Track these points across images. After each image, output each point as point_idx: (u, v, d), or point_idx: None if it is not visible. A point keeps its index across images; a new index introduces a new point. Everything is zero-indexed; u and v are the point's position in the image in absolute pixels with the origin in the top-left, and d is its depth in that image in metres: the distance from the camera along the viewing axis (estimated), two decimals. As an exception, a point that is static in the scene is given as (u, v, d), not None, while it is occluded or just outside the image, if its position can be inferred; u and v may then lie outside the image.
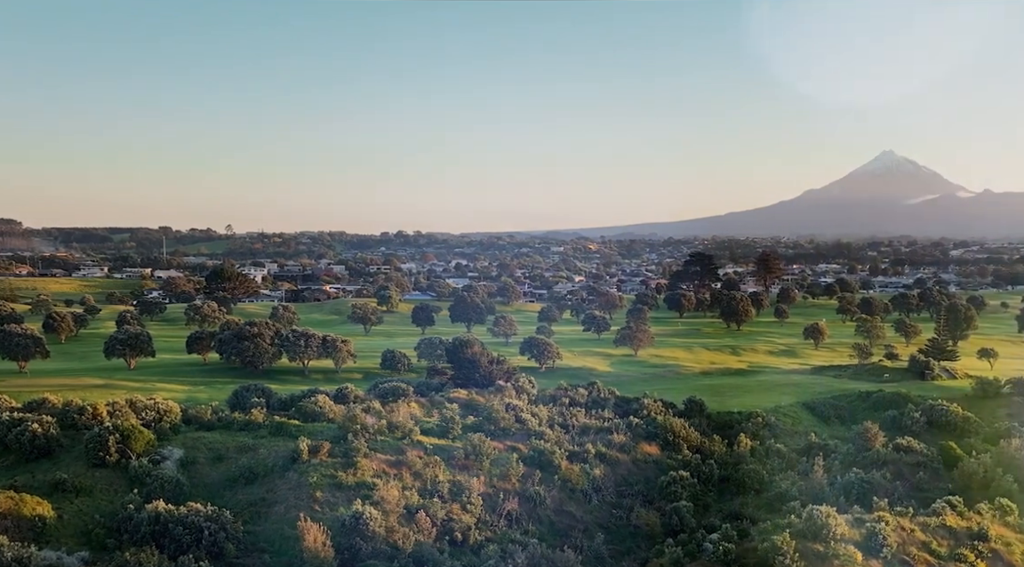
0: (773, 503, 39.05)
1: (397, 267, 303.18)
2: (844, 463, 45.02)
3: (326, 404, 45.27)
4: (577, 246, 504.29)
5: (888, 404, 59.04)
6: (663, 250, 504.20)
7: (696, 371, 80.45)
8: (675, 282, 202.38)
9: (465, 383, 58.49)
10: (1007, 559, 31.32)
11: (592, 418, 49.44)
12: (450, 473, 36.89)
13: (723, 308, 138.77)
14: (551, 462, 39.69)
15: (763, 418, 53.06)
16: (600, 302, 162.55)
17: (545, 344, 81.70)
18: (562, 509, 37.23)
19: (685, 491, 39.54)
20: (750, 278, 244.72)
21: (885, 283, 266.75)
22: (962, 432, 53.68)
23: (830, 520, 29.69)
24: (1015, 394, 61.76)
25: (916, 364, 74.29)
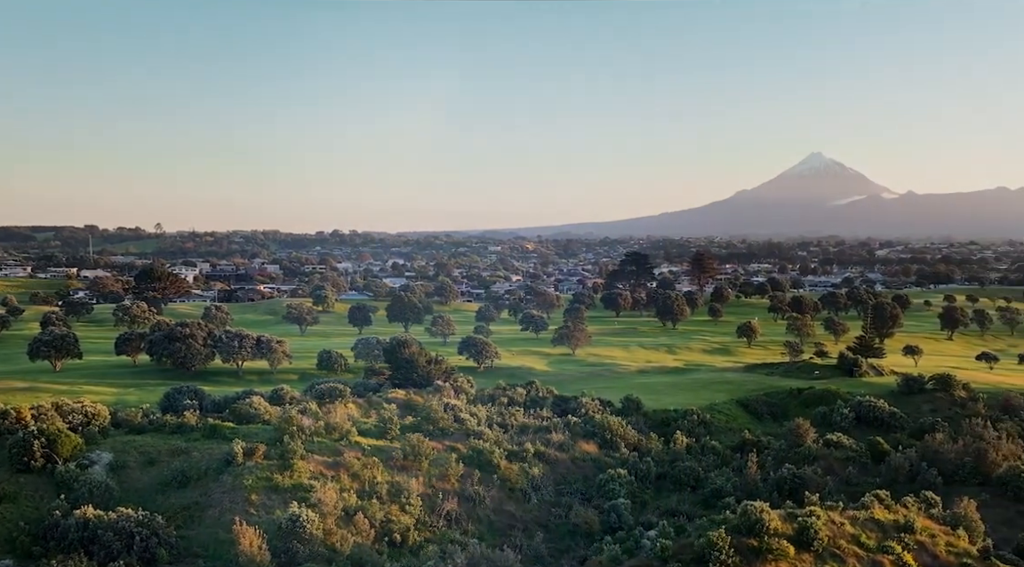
0: (709, 499, 39.67)
1: (333, 267, 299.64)
2: (777, 459, 45.96)
3: (261, 405, 44.56)
4: (514, 246, 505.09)
5: (818, 401, 60.38)
6: (599, 249, 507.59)
7: (633, 370, 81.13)
8: (612, 281, 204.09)
9: (403, 383, 58.12)
10: (932, 550, 32.23)
11: (531, 417, 49.60)
12: (389, 474, 36.64)
13: (659, 307, 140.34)
14: (490, 462, 39.71)
15: (699, 416, 53.80)
16: (538, 301, 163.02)
17: (483, 344, 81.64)
18: (501, 508, 37.26)
19: (623, 489, 39.90)
20: (685, 277, 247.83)
21: (815, 282, 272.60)
22: (889, 427, 55.27)
23: (764, 515, 30.17)
24: (938, 390, 63.63)
25: (845, 361, 76.10)
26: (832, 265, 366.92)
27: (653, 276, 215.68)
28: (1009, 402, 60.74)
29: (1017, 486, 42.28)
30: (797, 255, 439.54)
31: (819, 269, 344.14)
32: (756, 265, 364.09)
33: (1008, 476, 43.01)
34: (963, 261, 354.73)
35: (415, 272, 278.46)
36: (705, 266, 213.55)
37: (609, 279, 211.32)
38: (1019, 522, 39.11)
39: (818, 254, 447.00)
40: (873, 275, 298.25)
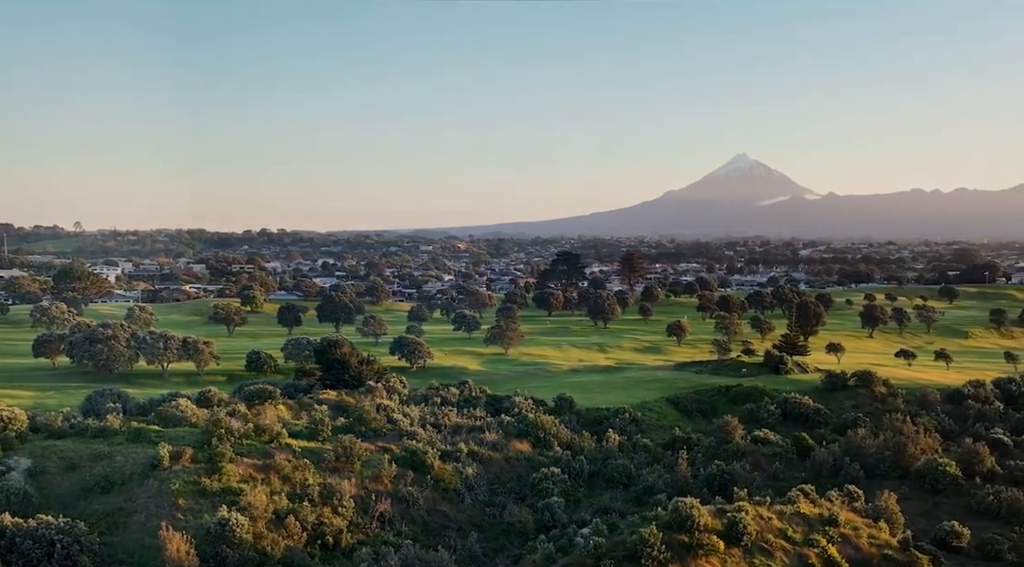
0: (641, 496, 40.12)
1: (261, 266, 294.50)
2: (707, 456, 46.75)
3: (188, 408, 43.53)
4: (446, 245, 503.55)
5: (746, 398, 61.56)
6: (531, 249, 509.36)
7: (565, 369, 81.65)
8: (543, 281, 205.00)
9: (335, 384, 57.49)
10: (855, 542, 33.15)
11: (464, 417, 49.55)
12: (320, 476, 36.19)
13: (590, 306, 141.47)
14: (424, 462, 39.52)
15: (630, 414, 54.40)
16: (470, 301, 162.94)
17: (416, 344, 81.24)
18: (435, 509, 37.12)
19: (556, 487, 40.10)
20: (615, 277, 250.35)
21: (741, 281, 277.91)
22: (813, 423, 56.67)
23: (694, 511, 30.64)
24: (860, 386, 65.44)
25: (771, 359, 77.72)
26: (758, 265, 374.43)
27: (584, 276, 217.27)
28: (926, 398, 62.78)
29: (934, 479, 43.79)
30: (724, 255, 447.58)
31: (746, 269, 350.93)
32: (685, 265, 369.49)
33: (926, 469, 44.51)
34: (882, 261, 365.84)
35: (346, 272, 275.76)
36: (635, 266, 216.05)
37: (541, 278, 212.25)
38: (936, 514, 40.47)
39: (744, 254, 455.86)
40: (797, 274, 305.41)
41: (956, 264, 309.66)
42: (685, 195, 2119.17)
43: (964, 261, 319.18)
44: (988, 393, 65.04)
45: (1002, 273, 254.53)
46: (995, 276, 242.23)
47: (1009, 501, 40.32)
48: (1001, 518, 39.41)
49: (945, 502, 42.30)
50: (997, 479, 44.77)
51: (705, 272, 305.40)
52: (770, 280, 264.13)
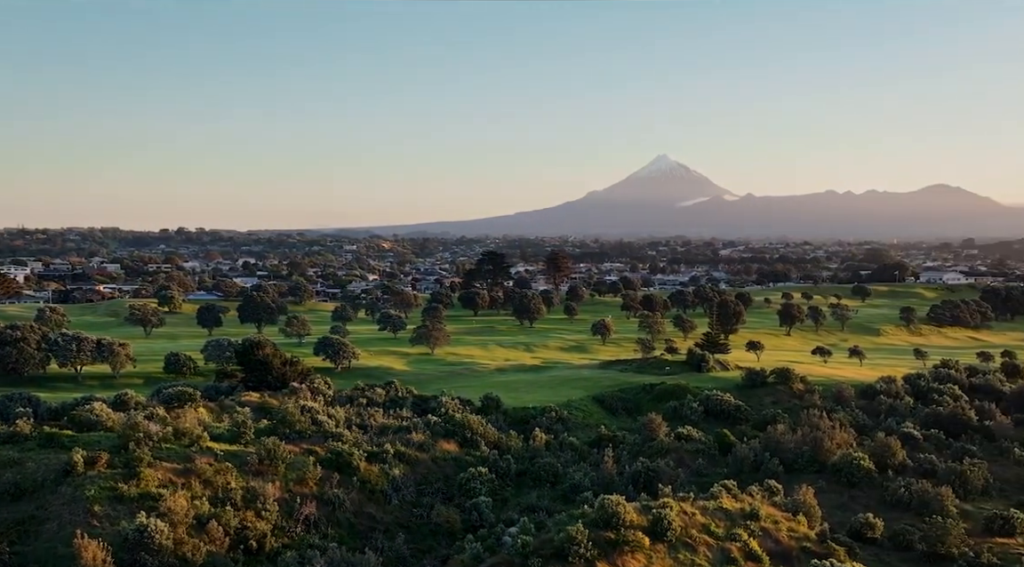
0: (568, 494, 40.38)
1: (179, 266, 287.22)
2: (632, 453, 47.32)
3: (103, 412, 42.14)
4: (370, 244, 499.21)
5: (670, 396, 62.47)
6: (456, 249, 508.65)
7: (492, 368, 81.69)
8: (469, 280, 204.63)
9: (257, 386, 56.42)
10: (775, 536, 34.00)
11: (390, 418, 49.17)
12: (243, 479, 35.44)
13: (516, 306, 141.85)
14: (350, 464, 39.05)
15: (557, 413, 54.71)
16: (395, 301, 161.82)
17: (340, 344, 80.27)
18: (362, 511, 36.73)
19: (484, 487, 40.07)
20: (541, 276, 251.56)
21: (664, 281, 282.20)
22: (735, 420, 57.87)
23: (620, 509, 31.00)
24: (779, 383, 67.08)
25: (693, 357, 79.05)
26: (680, 264, 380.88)
27: (510, 275, 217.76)
28: (842, 393, 64.70)
29: (850, 472, 45.15)
30: (647, 254, 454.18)
31: (668, 268, 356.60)
32: (609, 264, 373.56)
33: (842, 463, 45.87)
34: (798, 260, 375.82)
35: (267, 271, 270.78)
36: (560, 265, 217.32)
37: (466, 278, 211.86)
38: (852, 506, 41.76)
39: (667, 254, 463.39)
40: (718, 274, 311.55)
41: (868, 264, 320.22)
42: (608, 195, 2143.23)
43: (875, 261, 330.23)
44: (899, 389, 67.37)
45: (911, 272, 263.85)
46: (905, 275, 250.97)
47: (919, 493, 41.81)
48: (912, 509, 40.84)
49: (860, 495, 43.67)
50: (908, 472, 46.44)
51: (629, 272, 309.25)
52: (692, 279, 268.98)
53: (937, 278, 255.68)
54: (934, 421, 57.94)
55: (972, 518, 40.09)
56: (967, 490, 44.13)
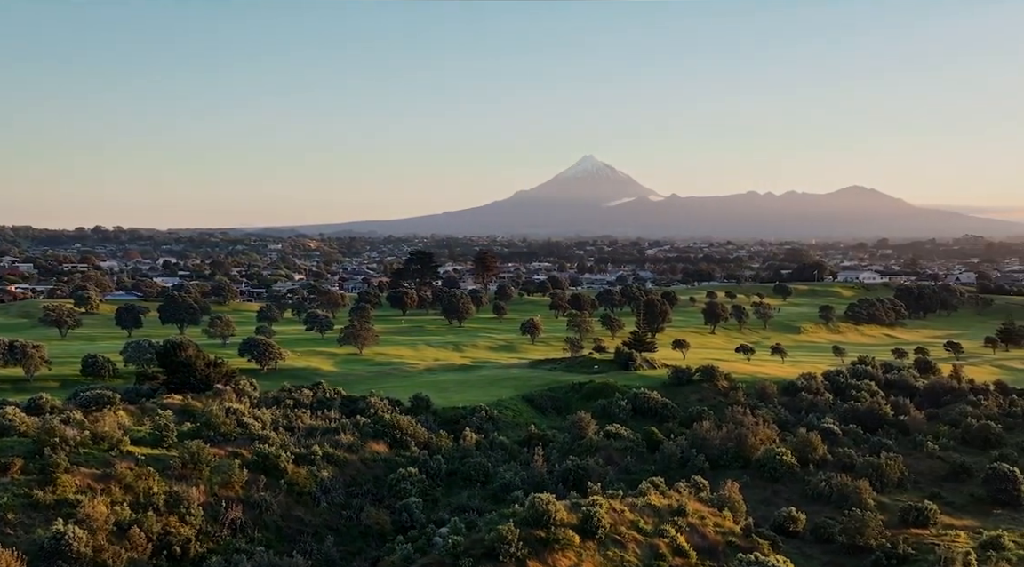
0: (499, 494, 40.44)
1: (96, 265, 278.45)
2: (562, 452, 47.62)
3: (16, 416, 40.54)
4: (296, 244, 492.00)
5: (598, 394, 63.04)
6: (384, 248, 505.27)
7: (421, 368, 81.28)
8: (397, 280, 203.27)
9: (180, 388, 55.01)
10: (702, 531, 34.58)
11: (318, 419, 48.55)
12: (166, 484, 34.61)
13: (445, 305, 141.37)
14: (277, 466, 38.48)
15: (487, 412, 54.73)
16: (322, 300, 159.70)
17: (266, 345, 78.84)
18: (290, 514, 36.19)
19: (414, 487, 39.89)
20: (469, 276, 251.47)
21: (592, 280, 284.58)
22: (662, 417, 58.69)
23: (551, 507, 31.14)
24: (704, 381, 68.29)
25: (621, 356, 79.86)
26: (607, 264, 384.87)
27: (438, 275, 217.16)
28: (765, 390, 66.20)
29: (773, 468, 46.21)
30: (575, 254, 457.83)
31: (595, 267, 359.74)
32: (537, 264, 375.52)
33: (765, 459, 46.93)
34: (722, 260, 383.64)
35: (189, 271, 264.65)
36: (488, 265, 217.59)
37: (394, 278, 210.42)
38: (775, 500, 42.75)
39: (594, 253, 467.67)
40: (644, 273, 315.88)
41: (789, 263, 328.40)
42: (535, 195, 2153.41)
43: (796, 260, 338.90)
44: (819, 385, 69.30)
45: (829, 272, 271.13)
46: (823, 275, 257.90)
47: (839, 486, 43.04)
48: (832, 503, 42.01)
49: (783, 489, 44.76)
50: (828, 466, 47.76)
51: (557, 271, 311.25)
52: (619, 279, 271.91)
53: (854, 277, 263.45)
54: (852, 416, 59.78)
55: (889, 510, 41.42)
56: (884, 483, 45.55)
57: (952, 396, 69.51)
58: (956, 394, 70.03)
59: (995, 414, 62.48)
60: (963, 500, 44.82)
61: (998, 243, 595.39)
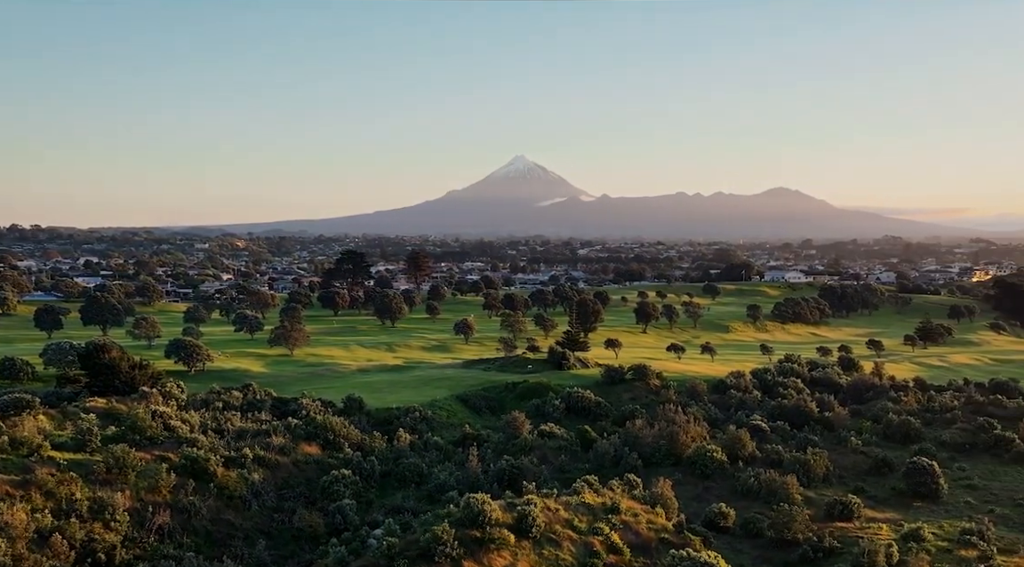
0: (433, 494, 40.28)
1: (13, 265, 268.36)
2: (496, 451, 47.61)
3: (-71, 422, 39.03)
4: (223, 243, 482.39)
5: (532, 394, 63.23)
6: (314, 248, 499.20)
7: (354, 369, 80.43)
8: (328, 280, 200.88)
9: (104, 391, 53.42)
10: (635, 528, 34.94)
11: (249, 421, 47.72)
12: (90, 489, 33.59)
13: (377, 306, 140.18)
14: (206, 470, 37.67)
15: (421, 412, 54.45)
16: (251, 301, 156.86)
17: (193, 346, 77.06)
18: (220, 518, 35.46)
19: (348, 489, 39.47)
20: (402, 276, 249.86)
21: (524, 280, 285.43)
22: (595, 416, 59.13)
23: (486, 507, 31.14)
24: (636, 380, 69.03)
25: (554, 355, 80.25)
26: (539, 264, 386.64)
27: (370, 275, 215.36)
28: (695, 389, 67.20)
29: (704, 464, 46.93)
30: (507, 254, 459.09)
31: (528, 267, 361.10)
32: (470, 263, 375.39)
33: (696, 456, 47.64)
34: (652, 260, 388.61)
35: (112, 271, 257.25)
36: (421, 264, 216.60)
37: (326, 278, 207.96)
38: (706, 497, 43.42)
39: (526, 253, 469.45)
40: (576, 273, 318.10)
41: (717, 263, 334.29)
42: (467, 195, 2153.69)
43: (724, 260, 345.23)
44: (748, 383, 70.64)
45: (756, 271, 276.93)
46: (751, 274, 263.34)
47: (767, 482, 43.90)
48: (761, 498, 42.83)
49: (714, 486, 45.49)
50: (757, 462, 48.68)
51: (490, 271, 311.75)
52: (551, 279, 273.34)
53: (780, 277, 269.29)
54: (780, 413, 61.04)
55: (815, 504, 42.37)
56: (810, 478, 46.59)
57: (874, 393, 71.53)
58: (878, 391, 72.09)
59: (915, 410, 64.48)
60: (885, 493, 46.06)
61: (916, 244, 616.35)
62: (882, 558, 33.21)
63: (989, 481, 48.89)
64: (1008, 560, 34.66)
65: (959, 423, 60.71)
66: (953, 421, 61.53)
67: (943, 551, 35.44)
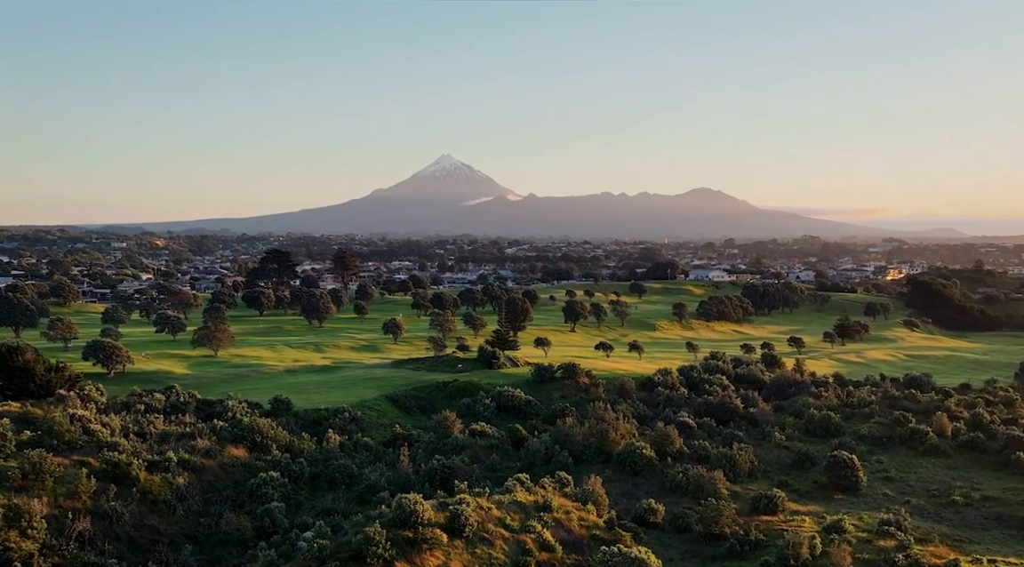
0: (365, 495, 39.87)
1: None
2: (427, 451, 47.38)
3: None
4: (142, 242, 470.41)
5: (463, 393, 63.09)
6: (237, 247, 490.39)
7: (281, 369, 79.16)
8: (253, 280, 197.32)
9: (18, 395, 51.50)
10: (567, 526, 35.18)
11: (172, 424, 46.50)
12: (4, 496, 32.29)
13: (304, 305, 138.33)
14: (128, 474, 36.56)
15: (350, 413, 53.85)
16: (173, 301, 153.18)
17: (113, 347, 74.80)
18: (143, 523, 34.47)
19: (276, 492, 38.81)
20: (328, 275, 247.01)
21: (453, 279, 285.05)
22: (526, 414, 59.31)
23: (418, 507, 30.98)
24: (566, 378, 69.39)
25: (484, 354, 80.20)
26: (468, 263, 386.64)
27: (296, 274, 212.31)
28: (624, 386, 67.92)
29: (633, 461, 47.49)
30: (435, 253, 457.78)
31: (456, 267, 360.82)
32: (397, 263, 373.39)
33: (626, 453, 48.18)
34: (580, 259, 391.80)
35: (24, 270, 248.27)
36: (348, 264, 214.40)
37: (250, 277, 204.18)
38: (636, 493, 43.91)
39: (454, 252, 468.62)
40: (504, 272, 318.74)
41: (643, 262, 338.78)
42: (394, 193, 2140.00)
43: (649, 260, 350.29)
44: (675, 380, 71.71)
45: (681, 270, 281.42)
46: (676, 273, 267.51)
47: (695, 478, 44.61)
48: (689, 493, 43.48)
49: (643, 482, 46.05)
50: (685, 458, 49.48)
51: (418, 270, 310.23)
52: (480, 278, 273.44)
53: (704, 276, 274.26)
54: (706, 410, 62.16)
55: (741, 499, 43.20)
56: (736, 473, 47.49)
57: (796, 388, 73.42)
58: (799, 386, 74.02)
59: (834, 405, 66.38)
60: (807, 487, 47.23)
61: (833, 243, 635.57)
62: (806, 550, 34.05)
63: (905, 473, 50.54)
64: (924, 549, 35.82)
65: (876, 417, 62.66)
66: (871, 415, 63.48)
67: (863, 542, 36.49)
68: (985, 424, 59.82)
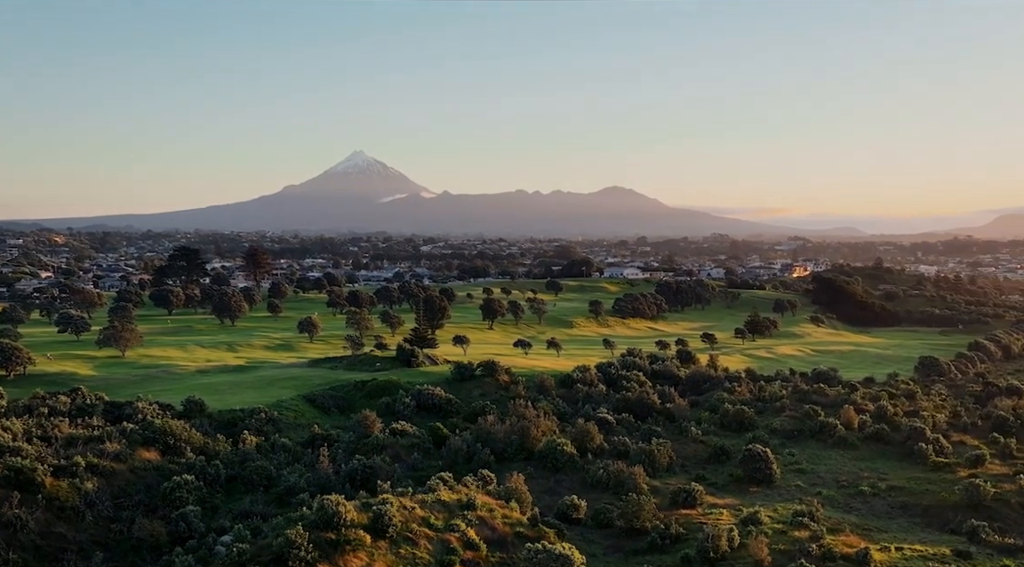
0: (284, 497, 39.12)
1: None
2: (347, 451, 46.76)
3: None
4: (40, 239, 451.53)
5: (382, 392, 62.45)
6: (142, 244, 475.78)
7: (192, 370, 76.87)
8: (161, 278, 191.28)
9: (-90, 398, 48.92)
10: (491, 523, 35.22)
11: (79, 427, 44.75)
12: (-102, 508, 30.62)
13: (215, 304, 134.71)
14: (32, 480, 35.11)
15: (266, 414, 52.70)
16: (76, 300, 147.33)
17: (12, 348, 71.49)
18: (50, 531, 33.09)
19: (191, 495, 37.74)
20: (240, 273, 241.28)
21: (368, 277, 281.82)
22: (447, 413, 59.07)
23: (340, 508, 30.62)
24: (486, 376, 69.35)
25: (403, 353, 79.49)
26: (383, 260, 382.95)
27: (206, 272, 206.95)
28: (544, 383, 68.27)
29: (555, 458, 47.76)
30: (349, 250, 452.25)
31: (371, 264, 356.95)
32: (311, 260, 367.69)
33: (547, 450, 48.42)
34: (495, 256, 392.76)
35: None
36: (260, 261, 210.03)
37: (158, 275, 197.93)
38: (558, 490, 44.19)
39: (369, 250, 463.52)
40: (421, 270, 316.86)
41: (558, 260, 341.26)
42: (305, 190, 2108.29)
43: (565, 257, 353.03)
44: (593, 377, 72.41)
45: (596, 268, 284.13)
46: (591, 271, 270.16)
47: (616, 473, 45.11)
48: (611, 489, 43.95)
49: (565, 478, 46.37)
50: (605, 454, 49.98)
51: (332, 268, 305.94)
52: (396, 275, 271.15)
53: (619, 273, 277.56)
54: (624, 406, 62.94)
55: (661, 493, 43.85)
56: (655, 468, 48.21)
57: (710, 384, 74.99)
58: (714, 382, 75.62)
59: (748, 400, 68.04)
60: (724, 480, 48.26)
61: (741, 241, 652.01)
62: (724, 542, 34.78)
63: (816, 465, 52.11)
64: (836, 539, 36.97)
65: (787, 411, 64.48)
66: (782, 409, 65.26)
67: (779, 533, 37.44)
68: (889, 416, 62.11)
